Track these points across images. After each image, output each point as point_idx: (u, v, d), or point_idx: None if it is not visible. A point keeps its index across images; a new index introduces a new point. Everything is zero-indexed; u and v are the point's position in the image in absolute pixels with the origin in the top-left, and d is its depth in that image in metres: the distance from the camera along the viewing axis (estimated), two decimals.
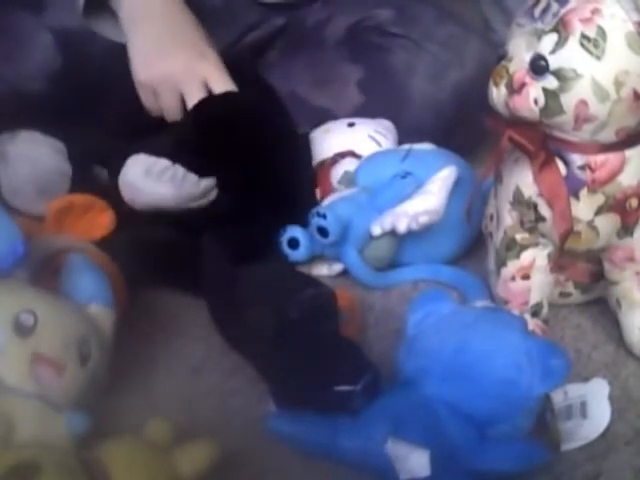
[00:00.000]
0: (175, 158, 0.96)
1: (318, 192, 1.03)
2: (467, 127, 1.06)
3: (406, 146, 1.05)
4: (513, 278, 0.87)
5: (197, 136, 0.98)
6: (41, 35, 1.10)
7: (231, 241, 0.92)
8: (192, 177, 0.96)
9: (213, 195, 0.97)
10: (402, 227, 0.95)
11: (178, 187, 0.95)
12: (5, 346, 0.72)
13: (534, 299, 0.88)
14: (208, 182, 0.96)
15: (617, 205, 0.81)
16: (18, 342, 0.72)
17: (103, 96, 1.05)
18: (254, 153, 0.98)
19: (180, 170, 0.95)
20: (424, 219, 0.95)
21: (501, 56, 0.80)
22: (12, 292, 0.75)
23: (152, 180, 0.95)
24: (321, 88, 1.13)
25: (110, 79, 1.05)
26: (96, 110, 1.04)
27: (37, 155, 1.02)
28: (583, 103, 0.76)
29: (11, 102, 1.07)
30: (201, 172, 0.96)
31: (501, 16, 1.34)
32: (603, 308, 0.92)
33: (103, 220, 0.93)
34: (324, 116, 1.11)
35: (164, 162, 0.95)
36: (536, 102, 0.77)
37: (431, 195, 0.95)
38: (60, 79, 1.09)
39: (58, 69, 1.10)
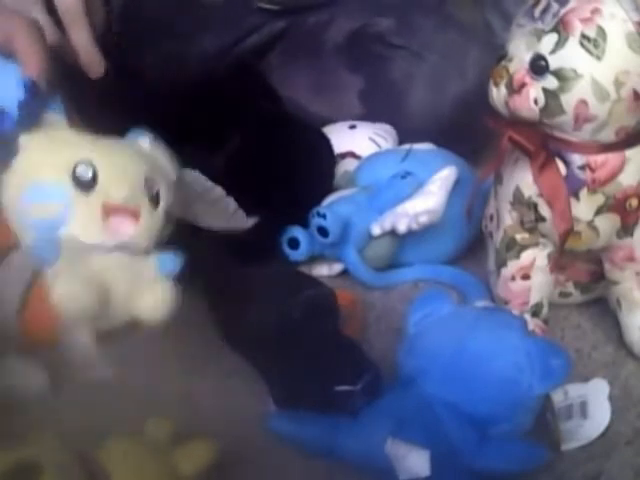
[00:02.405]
0: (228, 188, 0.92)
1: None
2: (467, 136, 1.06)
3: (406, 146, 1.05)
4: (513, 278, 0.87)
5: (250, 164, 0.96)
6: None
7: (231, 241, 0.92)
8: (241, 214, 0.93)
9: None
10: (402, 227, 0.95)
11: (227, 220, 0.93)
12: (71, 206, 0.67)
13: (534, 299, 0.88)
14: (253, 220, 0.95)
15: (617, 205, 0.82)
16: (83, 198, 0.67)
17: (106, 95, 1.05)
18: (290, 172, 0.98)
19: (232, 204, 0.93)
20: (424, 219, 0.95)
21: (501, 56, 0.80)
22: (60, 144, 0.69)
23: (204, 206, 0.91)
24: (321, 96, 1.13)
25: (117, 79, 1.05)
26: (99, 108, 1.04)
27: None
28: (583, 103, 0.76)
29: None
30: (248, 210, 0.93)
31: (501, 20, 1.33)
32: (603, 308, 0.92)
33: None
34: (323, 123, 1.11)
35: (219, 191, 0.92)
36: (536, 102, 0.77)
37: (431, 195, 0.95)
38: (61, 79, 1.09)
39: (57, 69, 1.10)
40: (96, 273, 0.68)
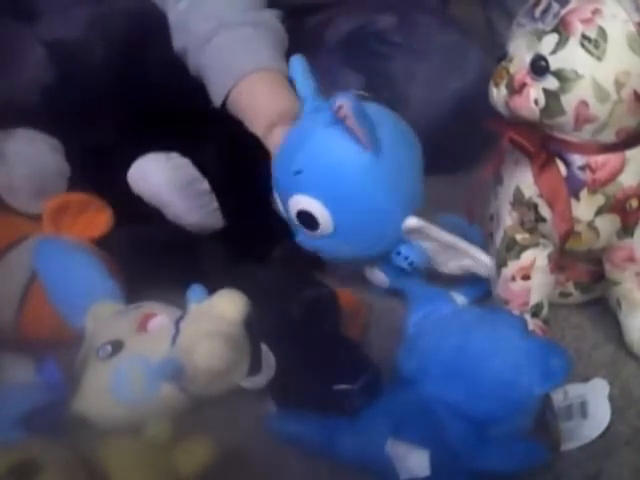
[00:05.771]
0: (213, 183, 0.91)
1: None
2: (467, 135, 1.05)
3: None
4: (513, 278, 0.87)
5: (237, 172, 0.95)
6: (34, 47, 1.10)
7: (232, 241, 0.92)
8: (219, 214, 0.93)
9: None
10: None
11: (203, 217, 0.92)
12: None
13: (534, 299, 0.88)
14: (225, 223, 0.94)
15: (617, 205, 0.82)
16: None
17: (101, 105, 1.05)
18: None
19: (214, 203, 0.92)
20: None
21: (501, 56, 0.80)
22: None
23: (182, 198, 0.90)
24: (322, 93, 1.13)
25: (109, 88, 1.05)
26: (94, 119, 1.04)
27: (34, 153, 1.01)
28: (583, 104, 0.76)
29: (5, 112, 1.07)
30: (228, 214, 0.94)
31: (504, 18, 1.33)
32: (603, 308, 0.92)
33: (101, 219, 0.93)
34: None
35: (205, 185, 0.91)
36: (536, 102, 0.77)
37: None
38: (54, 90, 1.09)
39: (52, 81, 1.09)
40: None
